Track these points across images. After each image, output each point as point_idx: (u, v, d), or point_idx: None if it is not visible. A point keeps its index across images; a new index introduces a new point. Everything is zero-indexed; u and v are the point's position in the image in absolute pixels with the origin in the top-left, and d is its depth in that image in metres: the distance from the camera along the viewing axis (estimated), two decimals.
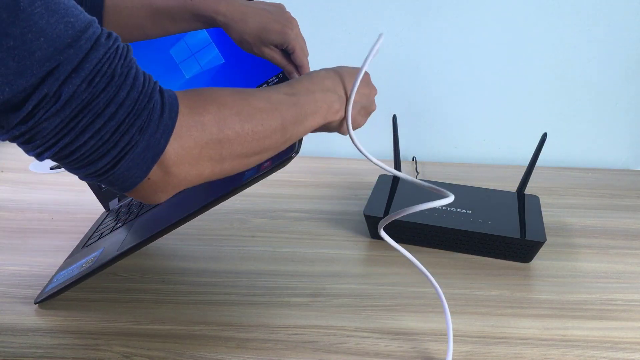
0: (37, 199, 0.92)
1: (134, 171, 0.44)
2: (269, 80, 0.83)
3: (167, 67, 0.83)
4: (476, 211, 0.83)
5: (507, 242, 0.79)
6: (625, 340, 0.66)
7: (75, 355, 0.58)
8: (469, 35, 1.09)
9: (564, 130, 1.17)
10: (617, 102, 1.15)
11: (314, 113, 0.58)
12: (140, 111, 0.44)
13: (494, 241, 0.79)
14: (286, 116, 0.55)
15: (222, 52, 0.83)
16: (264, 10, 0.70)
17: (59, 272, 0.71)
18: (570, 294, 0.74)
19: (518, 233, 0.79)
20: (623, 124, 1.17)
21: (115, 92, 0.42)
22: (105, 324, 0.63)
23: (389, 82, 1.13)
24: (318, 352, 0.61)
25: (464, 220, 0.81)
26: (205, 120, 0.48)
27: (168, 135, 0.45)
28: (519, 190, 0.90)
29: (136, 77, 0.44)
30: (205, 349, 0.61)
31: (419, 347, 0.63)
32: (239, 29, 0.68)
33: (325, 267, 0.77)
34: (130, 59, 0.45)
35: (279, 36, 0.68)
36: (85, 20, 0.42)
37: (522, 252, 0.79)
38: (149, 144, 0.44)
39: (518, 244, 0.79)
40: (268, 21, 0.68)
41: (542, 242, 0.78)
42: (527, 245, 0.78)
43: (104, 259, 0.67)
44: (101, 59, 0.42)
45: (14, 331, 0.61)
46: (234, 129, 0.50)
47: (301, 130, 0.58)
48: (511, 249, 0.79)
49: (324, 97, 0.60)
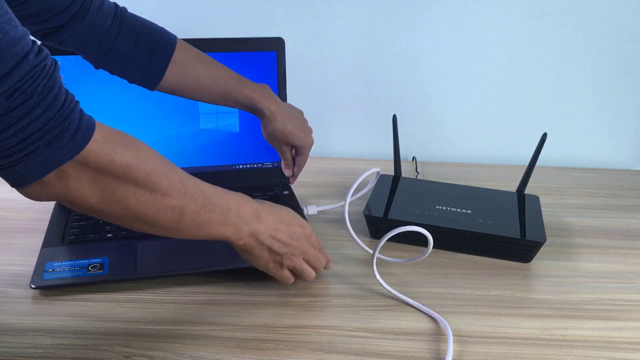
0: None
1: (31, 173, 0.46)
2: (264, 163, 0.96)
3: (189, 112, 0.92)
4: (476, 211, 0.83)
5: (507, 242, 0.79)
6: (625, 340, 0.66)
7: (75, 355, 0.58)
8: (469, 35, 1.09)
9: (564, 130, 1.17)
10: (617, 102, 1.14)
11: (219, 225, 0.60)
12: (53, 128, 0.46)
13: (493, 241, 0.79)
14: (190, 207, 0.56)
15: (240, 123, 0.94)
16: (294, 116, 0.82)
17: (52, 262, 0.72)
18: (570, 294, 0.74)
19: (518, 233, 0.79)
20: (623, 124, 1.17)
21: (31, 109, 0.44)
22: (105, 324, 0.63)
23: (389, 82, 1.13)
24: (318, 352, 0.61)
25: (463, 220, 0.81)
26: (116, 158, 0.50)
27: (74, 153, 0.47)
28: (518, 190, 0.90)
29: (57, 96, 0.46)
30: (205, 349, 0.61)
31: (419, 347, 0.63)
32: (275, 126, 0.80)
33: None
34: (55, 78, 0.46)
35: (300, 141, 0.83)
36: (15, 36, 0.43)
37: (522, 252, 0.79)
38: (52, 156, 0.46)
39: (518, 244, 0.79)
40: (296, 127, 0.82)
41: (542, 242, 0.78)
42: (527, 245, 0.78)
43: (127, 273, 0.71)
44: (24, 76, 0.44)
45: (14, 331, 0.61)
46: (137, 181, 0.52)
47: (200, 232, 0.59)
48: (511, 249, 0.79)
49: (237, 220, 0.61)
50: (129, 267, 0.72)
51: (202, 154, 0.93)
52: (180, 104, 0.91)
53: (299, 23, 1.10)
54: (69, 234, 0.79)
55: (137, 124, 0.90)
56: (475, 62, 1.12)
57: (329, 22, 1.09)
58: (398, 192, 0.90)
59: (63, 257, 0.74)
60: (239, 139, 0.94)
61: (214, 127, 0.92)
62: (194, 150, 0.93)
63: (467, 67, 1.12)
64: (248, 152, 0.95)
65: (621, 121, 1.16)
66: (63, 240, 0.78)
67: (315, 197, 0.97)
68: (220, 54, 0.90)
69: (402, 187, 0.91)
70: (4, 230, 0.82)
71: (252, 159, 0.95)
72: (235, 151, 0.94)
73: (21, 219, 0.85)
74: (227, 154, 0.94)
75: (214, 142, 0.93)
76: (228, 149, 0.94)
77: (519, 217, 0.84)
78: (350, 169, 1.05)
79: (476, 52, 1.10)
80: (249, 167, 0.95)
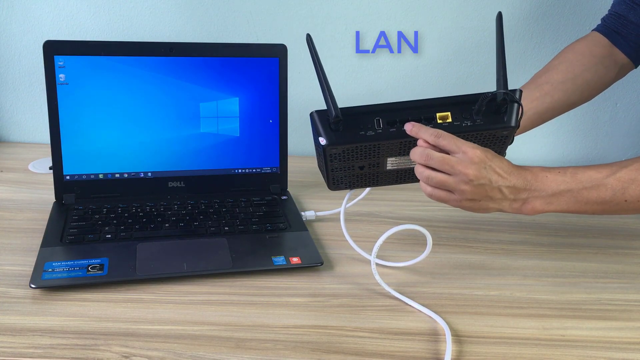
0: (36, 199, 0.92)
1: None
2: (263, 168, 0.96)
3: (189, 115, 0.92)
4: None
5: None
6: (625, 340, 0.66)
7: (74, 356, 0.58)
8: (469, 35, 1.09)
9: (563, 130, 1.17)
10: (616, 102, 1.15)
11: None
12: None
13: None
14: None
15: (241, 128, 0.94)
16: None
17: (51, 262, 0.72)
18: (570, 294, 0.74)
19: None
20: (623, 124, 1.17)
21: None
22: (104, 324, 0.63)
23: (389, 82, 1.13)
24: (317, 352, 0.61)
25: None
26: None
27: None
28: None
29: None
30: (205, 349, 0.61)
31: (419, 347, 0.63)
32: None
33: (325, 266, 0.77)
34: None
35: None
36: None
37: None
38: None
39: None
40: None
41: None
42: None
43: (127, 275, 0.71)
44: None
45: (13, 331, 0.61)
46: None
47: None
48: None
49: None
50: (129, 268, 0.72)
51: (202, 158, 0.93)
52: (182, 107, 0.91)
53: (301, 22, 1.10)
54: (68, 234, 0.79)
55: (138, 127, 0.90)
56: (475, 62, 1.12)
57: (330, 20, 1.09)
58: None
59: (62, 257, 0.73)
60: (239, 143, 0.94)
61: (215, 131, 0.93)
62: (194, 154, 0.93)
63: (468, 67, 1.12)
64: (247, 157, 0.95)
65: (621, 121, 1.17)
66: (62, 240, 0.78)
67: (315, 197, 0.97)
68: (224, 59, 0.91)
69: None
70: (3, 230, 0.82)
71: (252, 163, 0.96)
72: (235, 155, 0.95)
73: (20, 219, 0.85)
74: (227, 158, 0.94)
75: (214, 146, 0.94)
76: (228, 153, 0.94)
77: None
78: None
79: (476, 52, 1.10)
80: (248, 171, 0.95)
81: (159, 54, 0.88)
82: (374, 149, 0.68)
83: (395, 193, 1.03)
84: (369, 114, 0.68)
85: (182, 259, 0.75)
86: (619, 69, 0.90)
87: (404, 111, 0.68)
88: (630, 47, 0.88)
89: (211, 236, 0.81)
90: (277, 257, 0.76)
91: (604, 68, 0.89)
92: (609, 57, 0.89)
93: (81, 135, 0.88)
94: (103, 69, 0.87)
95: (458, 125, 0.68)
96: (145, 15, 1.11)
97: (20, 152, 1.13)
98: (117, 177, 0.91)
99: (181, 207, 0.89)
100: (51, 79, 0.85)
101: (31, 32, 1.13)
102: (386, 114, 0.68)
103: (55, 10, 1.12)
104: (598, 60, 0.89)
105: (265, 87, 0.93)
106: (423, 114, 0.68)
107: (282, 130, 0.95)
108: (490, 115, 0.68)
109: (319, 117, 0.67)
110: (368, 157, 0.70)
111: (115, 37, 1.12)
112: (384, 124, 0.67)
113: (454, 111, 0.68)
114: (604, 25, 0.90)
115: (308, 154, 1.19)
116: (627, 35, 0.87)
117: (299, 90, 1.13)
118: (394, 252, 0.81)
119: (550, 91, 0.88)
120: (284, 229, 0.84)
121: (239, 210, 0.89)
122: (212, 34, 1.13)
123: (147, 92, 0.89)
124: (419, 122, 0.68)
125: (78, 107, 0.86)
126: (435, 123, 0.68)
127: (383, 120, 0.67)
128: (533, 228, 0.92)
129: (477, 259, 0.81)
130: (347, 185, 0.76)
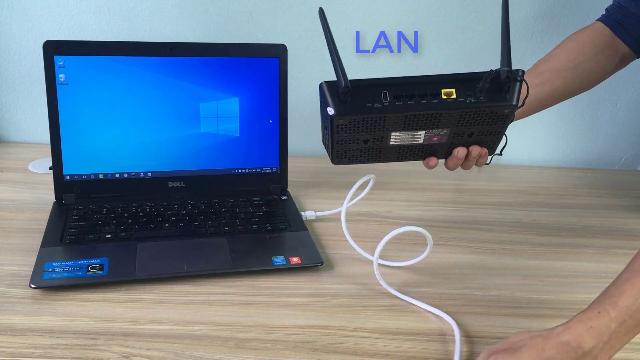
0: (36, 199, 0.92)
1: None
2: (263, 168, 0.96)
3: (189, 115, 0.92)
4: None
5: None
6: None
7: (74, 356, 0.58)
8: (468, 34, 1.09)
9: (563, 130, 1.17)
10: (616, 102, 1.15)
11: None
12: None
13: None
14: None
15: (241, 128, 0.93)
16: None
17: (51, 262, 0.72)
18: (570, 294, 0.74)
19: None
20: (623, 124, 1.17)
21: None
22: (104, 324, 0.63)
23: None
24: (317, 352, 0.61)
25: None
26: None
27: None
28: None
29: None
30: (205, 349, 0.60)
31: (419, 347, 0.63)
32: None
33: (325, 266, 0.77)
34: None
35: None
36: None
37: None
38: None
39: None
40: None
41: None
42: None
43: (127, 275, 0.71)
44: None
45: (12, 331, 0.61)
46: None
47: None
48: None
49: None
50: (129, 268, 0.72)
51: (202, 158, 0.93)
52: (182, 107, 0.91)
53: (304, 22, 1.10)
54: (68, 234, 0.79)
55: (138, 127, 0.90)
56: (475, 62, 1.12)
57: (331, 20, 1.09)
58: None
59: (62, 257, 0.73)
60: (239, 143, 0.94)
61: (215, 131, 0.93)
62: (194, 154, 0.93)
63: (467, 67, 1.12)
64: (247, 157, 0.95)
65: (621, 121, 1.16)
66: (62, 240, 0.78)
67: (315, 197, 0.97)
68: (224, 59, 0.91)
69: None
70: (3, 230, 0.82)
71: (252, 163, 0.96)
72: (235, 155, 0.95)
73: (20, 219, 0.85)
74: (227, 158, 0.94)
75: (214, 146, 0.93)
76: (228, 153, 0.94)
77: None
78: (350, 169, 1.05)
79: (476, 51, 1.10)
80: (248, 171, 0.95)
81: (159, 54, 0.88)
82: (379, 121, 0.69)
83: (396, 193, 1.03)
84: (376, 87, 0.69)
85: (182, 259, 0.75)
86: (620, 59, 0.91)
87: (410, 86, 0.69)
88: (631, 38, 0.88)
89: (211, 236, 0.81)
90: (277, 257, 0.76)
91: (605, 58, 0.89)
92: (610, 47, 0.89)
93: (81, 135, 0.88)
94: (103, 69, 0.87)
95: (462, 101, 0.69)
96: (145, 15, 1.11)
97: (20, 152, 1.13)
98: (117, 177, 0.91)
99: (181, 207, 0.89)
100: (51, 79, 0.85)
101: (31, 32, 1.13)
102: (393, 87, 0.69)
103: (55, 10, 1.11)
104: (599, 50, 0.89)
105: (265, 87, 0.93)
106: (429, 90, 0.69)
107: (282, 130, 0.95)
108: (494, 93, 0.69)
109: (328, 88, 0.69)
110: (373, 130, 0.71)
111: (115, 37, 1.12)
112: (390, 97, 0.69)
113: (459, 88, 0.69)
114: (607, 16, 0.90)
115: (308, 154, 1.19)
116: (629, 26, 0.87)
117: (299, 90, 1.13)
118: (394, 252, 0.81)
119: (551, 79, 0.88)
120: (284, 229, 0.84)
121: (239, 210, 0.89)
122: (212, 34, 1.13)
123: (147, 92, 0.89)
124: (425, 97, 0.68)
125: (78, 107, 0.86)
126: (440, 98, 0.69)
127: (390, 94, 0.69)
128: (533, 228, 0.92)
129: (477, 259, 0.81)
130: (350, 159, 0.77)
